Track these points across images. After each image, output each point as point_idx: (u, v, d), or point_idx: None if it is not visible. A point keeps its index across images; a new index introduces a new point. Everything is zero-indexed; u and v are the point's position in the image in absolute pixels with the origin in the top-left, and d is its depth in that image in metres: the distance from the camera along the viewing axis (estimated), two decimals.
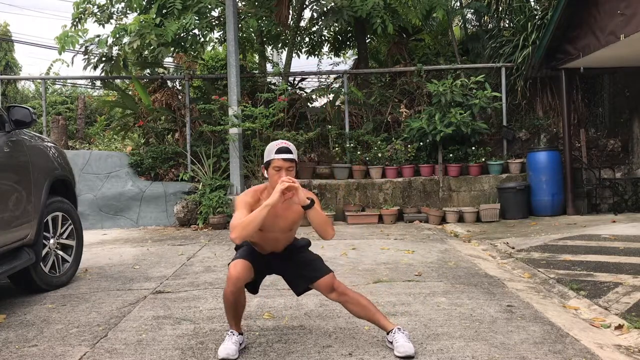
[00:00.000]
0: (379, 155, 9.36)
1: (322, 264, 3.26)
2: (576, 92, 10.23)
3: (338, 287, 3.19)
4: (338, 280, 3.24)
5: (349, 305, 3.23)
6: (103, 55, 9.83)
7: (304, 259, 3.28)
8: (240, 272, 3.08)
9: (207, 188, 8.89)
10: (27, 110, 4.51)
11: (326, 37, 12.31)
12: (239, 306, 3.18)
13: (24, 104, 13.15)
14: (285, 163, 3.06)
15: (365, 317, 3.25)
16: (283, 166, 3.06)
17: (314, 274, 3.21)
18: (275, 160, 3.07)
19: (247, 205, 3.09)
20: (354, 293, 3.26)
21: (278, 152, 3.08)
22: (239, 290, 3.11)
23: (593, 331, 3.54)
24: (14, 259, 4.21)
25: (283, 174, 3.05)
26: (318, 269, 3.22)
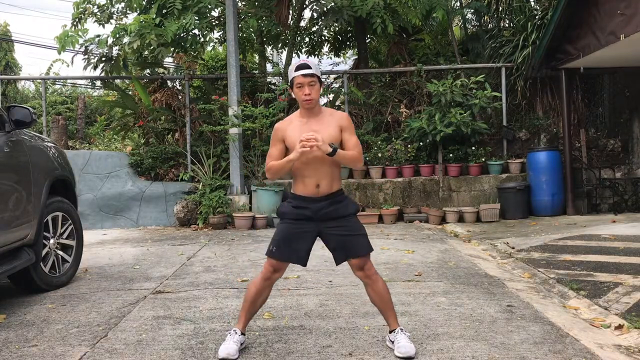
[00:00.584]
0: (379, 155, 9.36)
1: (363, 242, 3.17)
2: (576, 92, 10.23)
3: (368, 270, 3.16)
4: (370, 263, 3.19)
5: (369, 289, 3.20)
6: (103, 55, 9.82)
7: (349, 231, 3.17)
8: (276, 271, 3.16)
9: (207, 188, 8.89)
10: (27, 110, 4.51)
11: (326, 37, 12.31)
12: (260, 300, 3.21)
13: (24, 104, 13.15)
14: (305, 79, 3.08)
15: (379, 307, 3.23)
16: (304, 82, 3.08)
17: (354, 250, 3.15)
18: (297, 78, 3.10)
19: (276, 141, 3.18)
20: (381, 282, 3.20)
21: (298, 69, 3.11)
22: (267, 288, 3.19)
23: (593, 331, 3.54)
24: (14, 259, 4.21)
25: (306, 90, 3.08)
26: (360, 247, 3.16)
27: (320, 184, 3.14)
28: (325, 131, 3.09)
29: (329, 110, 3.28)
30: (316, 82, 3.11)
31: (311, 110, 3.15)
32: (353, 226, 3.20)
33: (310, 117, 3.16)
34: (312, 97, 3.10)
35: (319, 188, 3.14)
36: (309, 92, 3.08)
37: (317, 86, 3.12)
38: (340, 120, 3.19)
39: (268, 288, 3.21)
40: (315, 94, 3.11)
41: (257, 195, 8.75)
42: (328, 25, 10.75)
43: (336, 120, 3.18)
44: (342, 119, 3.22)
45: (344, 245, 3.17)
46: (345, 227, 3.17)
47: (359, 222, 3.26)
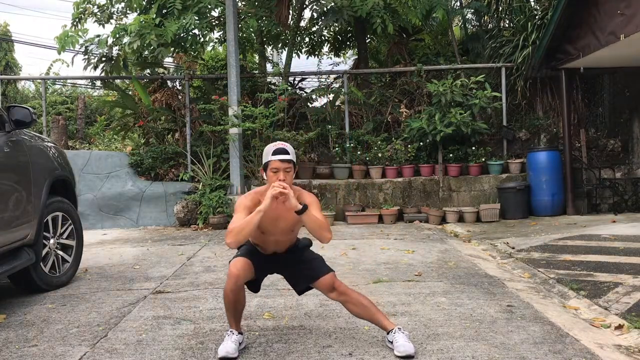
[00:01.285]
0: (379, 155, 9.36)
1: (322, 264, 3.27)
2: (576, 92, 10.23)
3: (339, 287, 3.20)
4: (339, 280, 3.24)
5: (349, 305, 3.23)
6: (103, 56, 9.83)
7: (304, 259, 3.29)
8: (241, 270, 3.09)
9: (207, 188, 8.89)
10: (27, 110, 4.51)
11: (326, 37, 12.31)
12: (239, 305, 3.18)
13: (24, 104, 13.15)
14: (282, 164, 3.07)
15: (366, 317, 3.25)
16: (280, 167, 3.07)
17: (314, 273, 3.22)
18: (273, 162, 3.09)
19: (245, 208, 3.10)
20: (354, 293, 3.27)
21: (275, 154, 3.09)
22: (239, 288, 3.11)
23: (593, 331, 3.54)
24: (14, 259, 4.21)
25: (281, 175, 3.06)
26: (318, 269, 3.23)
27: (278, 252, 3.28)
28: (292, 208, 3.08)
29: (297, 189, 3.20)
30: (292, 169, 3.12)
31: None
32: (309, 254, 3.32)
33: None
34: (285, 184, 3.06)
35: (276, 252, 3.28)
36: (284, 178, 3.06)
37: (291, 172, 3.12)
38: (307, 198, 3.17)
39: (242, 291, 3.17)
40: (289, 180, 3.09)
41: None
42: (328, 25, 10.75)
43: (304, 197, 3.16)
44: (310, 197, 3.20)
45: (307, 270, 3.25)
46: (299, 258, 3.29)
47: (313, 252, 3.36)
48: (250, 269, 3.15)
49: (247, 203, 3.12)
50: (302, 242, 3.35)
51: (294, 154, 3.18)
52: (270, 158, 3.10)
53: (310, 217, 3.06)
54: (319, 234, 3.08)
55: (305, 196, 3.19)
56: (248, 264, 3.13)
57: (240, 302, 3.17)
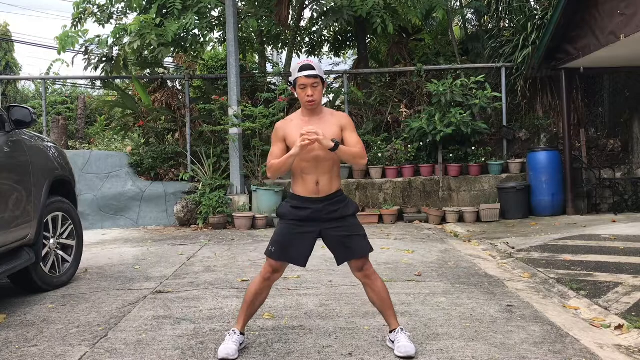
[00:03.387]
0: (379, 155, 9.36)
1: (361, 244, 3.18)
2: (576, 92, 10.23)
3: (367, 270, 3.17)
4: (370, 264, 3.20)
5: (369, 289, 3.21)
6: (103, 56, 9.83)
7: (349, 232, 3.16)
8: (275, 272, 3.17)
9: (207, 188, 8.89)
10: (27, 110, 4.51)
11: (326, 37, 12.31)
12: (258, 302, 3.22)
13: (24, 104, 13.14)
14: (309, 80, 3.08)
15: (379, 307, 3.24)
16: (307, 83, 3.08)
17: (350, 253, 3.16)
18: (300, 79, 3.09)
19: (277, 140, 3.17)
20: (379, 281, 3.21)
21: (301, 70, 3.10)
22: (266, 288, 3.20)
23: (593, 331, 3.54)
24: (14, 259, 4.21)
25: (309, 91, 3.07)
26: (356, 249, 3.16)
27: (320, 183, 3.14)
28: (327, 129, 3.08)
29: (330, 111, 3.28)
30: (319, 84, 3.11)
31: (313, 111, 3.16)
32: (353, 227, 3.20)
33: (311, 117, 3.16)
34: (314, 99, 3.09)
35: (319, 187, 3.14)
36: (312, 93, 3.08)
37: (320, 87, 3.11)
38: (341, 119, 3.20)
39: (267, 288, 3.21)
40: (318, 95, 3.10)
41: (257, 195, 8.75)
42: (328, 25, 10.76)
43: (337, 120, 3.19)
44: (343, 117, 3.23)
45: (345, 246, 3.17)
46: (345, 227, 3.17)
47: (359, 223, 3.26)
48: (283, 269, 3.21)
49: (278, 132, 3.18)
50: (350, 205, 3.22)
51: (321, 69, 3.16)
52: (297, 75, 3.10)
53: (343, 152, 3.05)
54: (354, 163, 3.17)
55: (337, 118, 3.20)
56: (283, 266, 3.20)
57: (261, 299, 3.22)
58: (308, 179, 3.14)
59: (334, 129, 3.13)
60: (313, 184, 3.13)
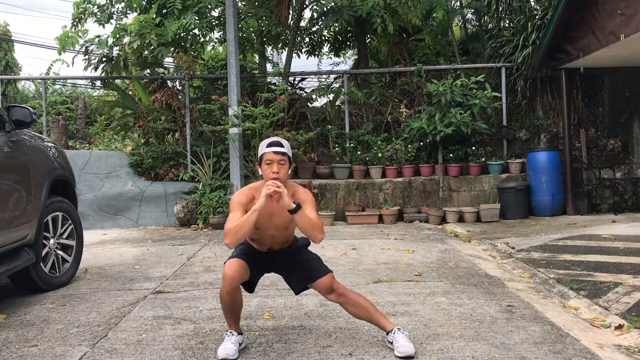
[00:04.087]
0: (379, 155, 9.36)
1: (320, 265, 3.25)
2: (576, 92, 10.23)
3: (337, 289, 3.19)
4: (337, 281, 3.23)
5: (348, 306, 3.23)
6: (103, 56, 9.82)
7: (302, 259, 3.28)
8: (235, 271, 3.08)
9: (207, 188, 8.89)
10: (27, 110, 4.51)
11: (326, 37, 12.30)
12: (236, 306, 3.17)
13: (24, 104, 13.14)
14: (276, 156, 3.08)
15: (365, 318, 3.25)
16: (274, 159, 3.08)
17: (312, 274, 3.20)
18: (267, 154, 3.10)
19: (240, 206, 3.11)
20: (353, 294, 3.26)
21: (269, 146, 3.11)
22: (234, 290, 3.10)
23: (593, 331, 3.54)
24: (14, 259, 4.21)
25: (275, 167, 3.07)
26: (316, 270, 3.21)
27: (274, 248, 3.26)
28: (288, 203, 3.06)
29: (293, 186, 3.24)
30: (286, 162, 3.11)
31: None
32: (307, 254, 3.30)
33: None
34: (279, 176, 3.07)
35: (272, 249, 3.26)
36: (277, 170, 3.07)
37: (286, 166, 3.11)
38: (301, 195, 3.17)
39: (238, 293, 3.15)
40: (283, 173, 3.09)
41: None
42: (328, 25, 10.75)
43: (298, 196, 3.17)
44: (305, 194, 3.21)
45: (301, 273, 3.25)
46: (297, 257, 3.27)
47: (311, 252, 3.34)
48: (246, 270, 3.14)
49: (241, 200, 3.14)
50: (300, 241, 3.34)
51: (289, 148, 3.17)
52: (265, 150, 3.12)
53: (302, 217, 3.05)
54: (310, 234, 3.08)
55: (300, 193, 3.19)
56: (243, 265, 3.12)
57: (237, 303, 3.16)
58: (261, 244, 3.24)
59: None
60: (265, 248, 3.26)
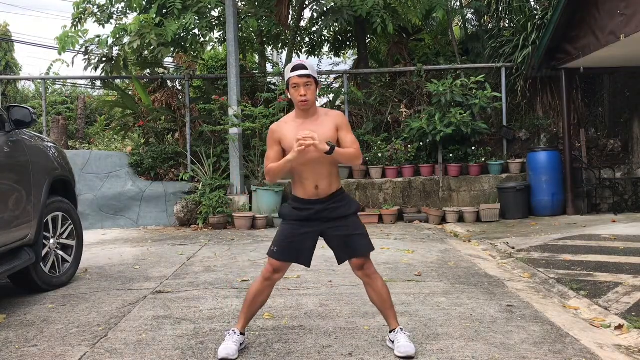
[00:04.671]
0: (379, 155, 9.36)
1: (364, 242, 3.18)
2: (576, 92, 10.23)
3: (367, 269, 3.17)
4: (370, 262, 3.19)
5: (369, 289, 3.21)
6: (103, 56, 9.83)
7: (350, 231, 3.17)
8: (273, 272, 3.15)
9: (207, 188, 8.89)
10: (27, 110, 4.50)
11: (326, 37, 12.31)
12: (259, 302, 3.22)
13: (24, 104, 13.15)
14: (301, 79, 3.06)
15: (379, 307, 3.24)
16: (300, 83, 3.07)
17: (352, 251, 3.16)
18: (292, 78, 3.08)
19: (273, 143, 3.17)
20: (380, 281, 3.21)
21: (293, 70, 3.10)
22: (268, 288, 3.19)
23: (593, 331, 3.54)
24: (14, 259, 4.21)
25: (302, 90, 3.06)
26: (358, 248, 3.16)
27: (319, 185, 3.14)
28: (322, 131, 3.06)
29: (324, 110, 3.26)
30: (312, 83, 3.10)
31: (307, 111, 3.14)
32: (354, 226, 3.20)
33: (305, 118, 3.15)
34: (307, 99, 3.08)
35: (318, 190, 3.14)
36: (305, 93, 3.07)
37: (313, 87, 3.10)
38: (335, 119, 3.18)
39: (268, 288, 3.21)
40: (311, 95, 3.09)
41: (257, 195, 8.75)
42: (328, 25, 10.75)
43: (332, 119, 3.17)
44: (338, 117, 3.21)
45: (346, 245, 3.17)
46: (346, 226, 3.17)
47: (360, 222, 3.26)
48: (284, 270, 3.21)
49: (273, 135, 3.18)
50: (352, 204, 3.24)
51: (314, 69, 3.15)
52: (290, 75, 3.10)
53: (339, 155, 3.04)
54: (351, 164, 3.16)
55: (332, 117, 3.19)
56: (285, 267, 3.19)
57: (263, 297, 3.21)
58: (307, 182, 3.14)
59: (329, 129, 3.12)
60: (312, 187, 3.14)
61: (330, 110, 3.28)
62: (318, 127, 3.08)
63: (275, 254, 3.15)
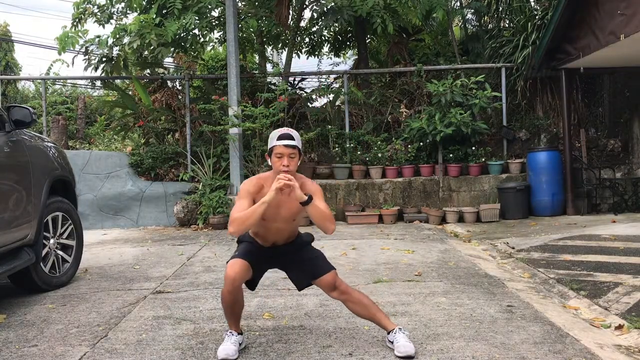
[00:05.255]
0: (379, 155, 9.35)
1: (324, 262, 3.25)
2: (576, 92, 10.23)
3: (340, 286, 3.19)
4: (340, 279, 3.23)
5: (350, 304, 3.22)
6: (103, 56, 9.83)
7: (306, 256, 3.27)
8: (238, 271, 3.06)
9: (207, 188, 8.89)
10: (27, 110, 4.51)
11: (326, 37, 12.31)
12: (237, 306, 3.16)
13: (24, 104, 13.14)
14: (286, 150, 3.05)
15: (367, 317, 3.24)
16: (285, 153, 3.05)
17: (315, 270, 3.20)
18: (277, 147, 3.06)
19: (248, 195, 3.09)
20: (355, 292, 3.26)
21: (280, 139, 3.07)
22: (236, 289, 3.09)
23: (593, 331, 3.54)
24: (14, 259, 4.21)
25: (285, 161, 3.04)
26: (320, 266, 3.21)
27: (278, 242, 3.25)
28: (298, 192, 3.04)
29: (301, 178, 3.21)
30: (296, 155, 3.09)
31: None
32: (312, 251, 3.31)
33: None
34: (290, 169, 3.05)
35: (276, 244, 3.26)
36: (288, 163, 3.05)
37: (296, 159, 3.09)
38: (310, 187, 3.17)
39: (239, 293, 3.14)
40: (293, 166, 3.08)
41: None
42: (328, 25, 10.75)
43: (307, 188, 3.15)
44: (313, 185, 3.21)
45: (309, 266, 3.24)
46: (304, 252, 3.28)
47: (315, 248, 3.35)
48: (248, 270, 3.12)
49: (250, 189, 3.11)
50: (304, 237, 3.33)
51: (300, 140, 3.14)
52: (275, 143, 3.08)
53: (314, 208, 3.05)
54: (323, 225, 3.09)
55: (309, 185, 3.18)
56: (245, 265, 3.10)
57: (238, 303, 3.16)
58: (267, 237, 3.23)
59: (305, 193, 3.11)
60: (271, 242, 3.25)
61: (307, 179, 3.25)
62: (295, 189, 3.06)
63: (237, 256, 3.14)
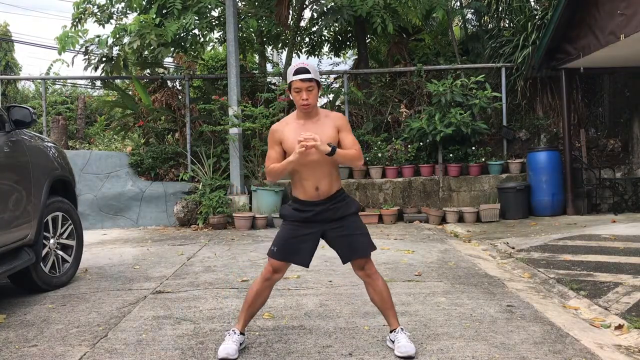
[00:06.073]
0: (379, 155, 9.36)
1: (365, 242, 3.19)
2: (576, 92, 10.23)
3: (368, 269, 3.18)
4: (371, 262, 3.20)
5: (370, 288, 3.22)
6: (103, 56, 9.82)
7: (349, 230, 3.18)
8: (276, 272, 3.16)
9: (207, 188, 8.89)
10: (27, 110, 4.51)
11: (326, 37, 12.30)
12: (259, 302, 3.22)
13: (24, 104, 13.14)
14: (304, 83, 3.05)
15: (379, 307, 3.24)
16: (302, 87, 3.06)
17: (352, 252, 3.18)
18: (295, 82, 3.07)
19: (274, 144, 3.16)
20: (380, 281, 3.21)
21: (296, 74, 3.07)
22: (267, 287, 3.19)
23: (593, 331, 3.54)
24: (14, 259, 4.21)
25: (304, 95, 3.05)
26: (358, 249, 3.17)
27: (320, 187, 3.14)
28: (323, 132, 3.07)
29: (325, 112, 3.26)
30: (314, 87, 3.09)
31: (308, 113, 3.15)
32: (355, 226, 3.21)
33: (306, 119, 3.15)
34: (309, 102, 3.08)
35: (319, 191, 3.14)
36: (307, 97, 3.06)
37: (315, 91, 3.10)
38: (336, 120, 3.18)
39: (268, 289, 3.22)
40: (312, 98, 3.09)
41: (257, 195, 8.75)
42: (328, 25, 10.75)
43: (332, 121, 3.17)
44: (338, 118, 3.21)
45: (347, 245, 3.19)
46: (346, 227, 3.18)
47: (361, 221, 3.27)
48: (285, 269, 3.21)
49: (274, 136, 3.17)
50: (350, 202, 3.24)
51: (316, 72, 3.13)
52: (292, 78, 3.08)
53: (340, 155, 3.04)
54: (352, 165, 3.16)
55: (333, 118, 3.18)
56: (284, 267, 3.18)
57: (262, 297, 3.21)
58: (307, 184, 3.14)
59: (330, 130, 3.12)
60: (313, 188, 3.14)
61: (331, 112, 3.28)
62: (319, 129, 3.08)
63: (275, 253, 3.15)
